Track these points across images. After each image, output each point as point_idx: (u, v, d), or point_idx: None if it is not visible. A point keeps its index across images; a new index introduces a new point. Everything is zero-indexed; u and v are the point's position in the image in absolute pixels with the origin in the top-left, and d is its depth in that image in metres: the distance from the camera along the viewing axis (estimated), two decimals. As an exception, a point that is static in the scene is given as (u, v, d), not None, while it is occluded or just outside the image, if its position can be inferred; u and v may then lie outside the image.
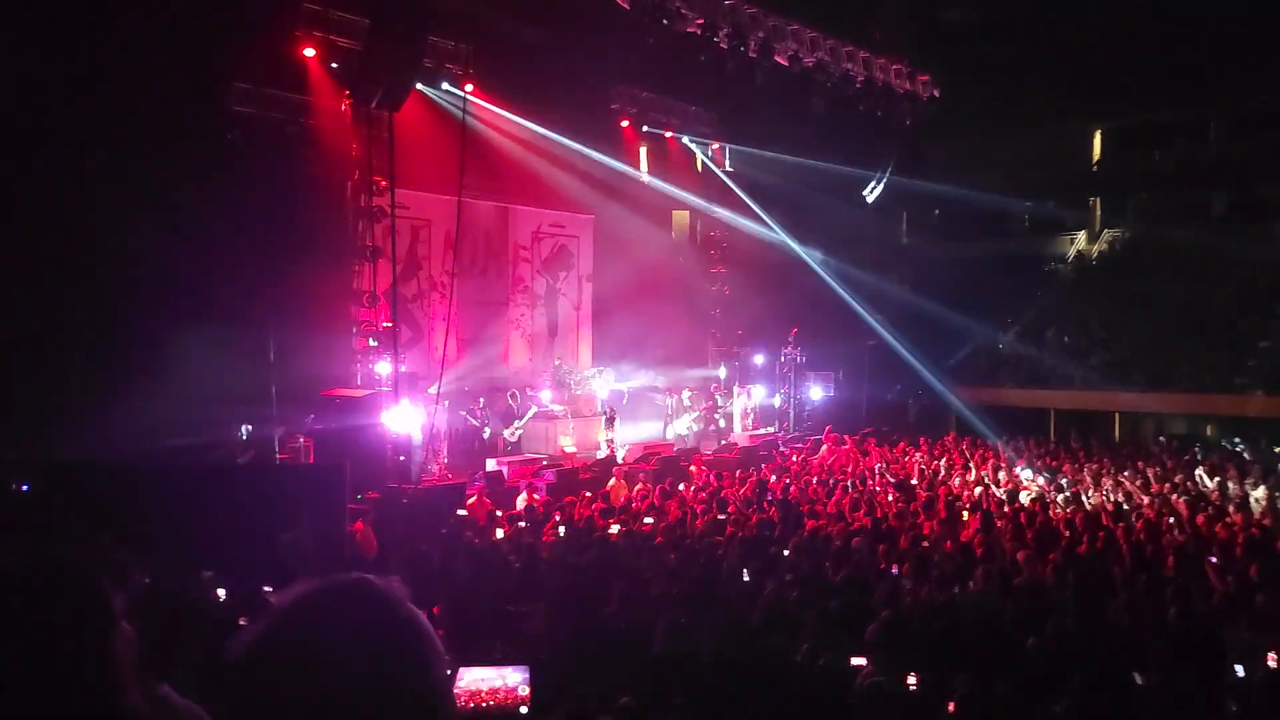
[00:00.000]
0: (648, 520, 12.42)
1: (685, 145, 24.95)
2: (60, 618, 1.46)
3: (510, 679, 4.68)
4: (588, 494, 14.49)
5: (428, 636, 1.28)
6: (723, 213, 26.62)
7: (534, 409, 19.59)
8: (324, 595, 1.28)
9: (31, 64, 13.05)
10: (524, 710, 4.63)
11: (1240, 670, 6.36)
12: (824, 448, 21.33)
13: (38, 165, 13.57)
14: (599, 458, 18.75)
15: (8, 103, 12.93)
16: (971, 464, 18.09)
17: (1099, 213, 34.02)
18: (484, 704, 4.65)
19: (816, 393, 25.23)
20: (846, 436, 22.11)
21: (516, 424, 19.34)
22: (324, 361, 16.65)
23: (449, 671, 1.30)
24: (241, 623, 7.00)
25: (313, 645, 1.21)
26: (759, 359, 25.19)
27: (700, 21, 18.44)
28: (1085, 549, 10.32)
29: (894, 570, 9.62)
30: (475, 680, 4.63)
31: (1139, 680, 6.14)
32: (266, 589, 8.18)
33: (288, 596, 1.27)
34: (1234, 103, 30.12)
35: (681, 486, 15.60)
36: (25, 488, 12.54)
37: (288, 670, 1.20)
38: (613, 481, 15.96)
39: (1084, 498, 14.74)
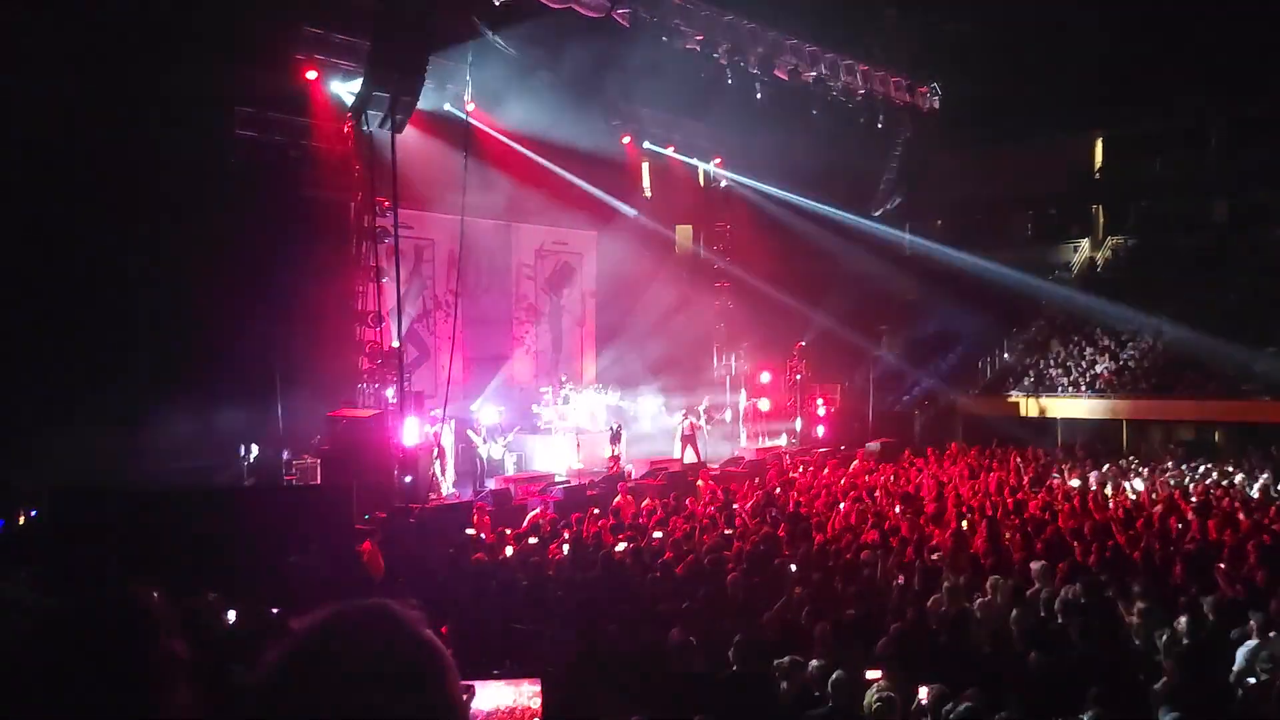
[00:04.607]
0: (656, 535, 12.39)
1: (687, 160, 25.02)
2: (126, 665, 1.43)
3: (522, 693, 4.67)
4: (595, 510, 14.46)
5: (444, 661, 1.30)
6: (726, 226, 26.71)
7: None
8: (344, 619, 1.30)
9: (39, 92, 13.15)
10: (535, 723, 4.61)
11: (1253, 679, 6.32)
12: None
13: (43, 192, 13.66)
14: (605, 474, 18.72)
15: (18, 132, 13.05)
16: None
17: (1101, 220, 34.02)
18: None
19: (822, 405, 25.20)
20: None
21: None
22: (330, 382, 16.69)
23: (465, 697, 1.33)
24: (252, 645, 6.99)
25: (332, 669, 1.23)
26: (765, 372, 25.18)
27: (700, 38, 18.53)
28: (1095, 559, 10.27)
29: (902, 582, 9.58)
30: (489, 695, 4.62)
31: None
32: (274, 610, 8.18)
33: (308, 621, 1.29)
34: (1234, 110, 30.16)
35: (689, 502, 15.57)
36: (34, 514, 12.57)
37: (307, 694, 1.22)
38: (619, 498, 15.93)
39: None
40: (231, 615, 7.88)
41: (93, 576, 8.79)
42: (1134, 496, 16.02)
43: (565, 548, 11.78)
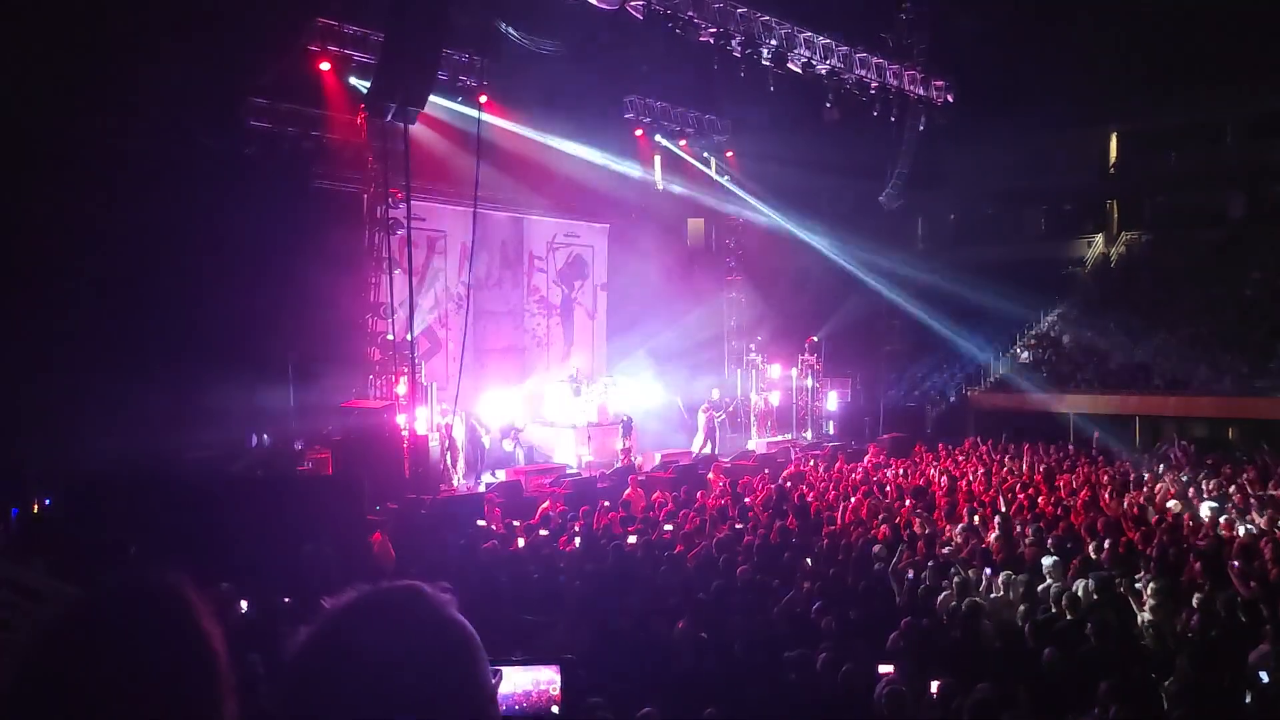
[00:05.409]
0: (667, 528, 12.39)
1: (699, 153, 24.97)
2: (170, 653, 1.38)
3: (541, 679, 4.66)
4: (605, 503, 14.46)
5: (475, 643, 1.31)
6: (738, 220, 26.67)
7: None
8: (377, 600, 1.30)
9: (51, 82, 13.21)
10: (555, 710, 4.63)
11: (1264, 677, 6.29)
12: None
13: (56, 182, 13.73)
14: (616, 466, 18.73)
15: (33, 122, 13.11)
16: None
17: (1116, 216, 33.83)
18: (517, 705, 4.64)
19: (834, 399, 25.16)
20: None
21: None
22: (342, 373, 16.73)
23: (494, 680, 1.33)
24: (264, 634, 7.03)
25: (364, 651, 1.24)
26: (776, 366, 25.15)
27: (713, 30, 18.44)
28: (1108, 555, 10.23)
29: (913, 577, 9.56)
30: (509, 679, 4.62)
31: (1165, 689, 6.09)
32: (286, 600, 8.22)
33: (340, 602, 1.30)
34: (1250, 105, 29.94)
35: (699, 495, 15.56)
36: (48, 502, 12.66)
37: (338, 676, 1.23)
38: (629, 491, 15.93)
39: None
40: (244, 605, 7.93)
41: (108, 565, 8.85)
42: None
43: (576, 540, 11.80)
